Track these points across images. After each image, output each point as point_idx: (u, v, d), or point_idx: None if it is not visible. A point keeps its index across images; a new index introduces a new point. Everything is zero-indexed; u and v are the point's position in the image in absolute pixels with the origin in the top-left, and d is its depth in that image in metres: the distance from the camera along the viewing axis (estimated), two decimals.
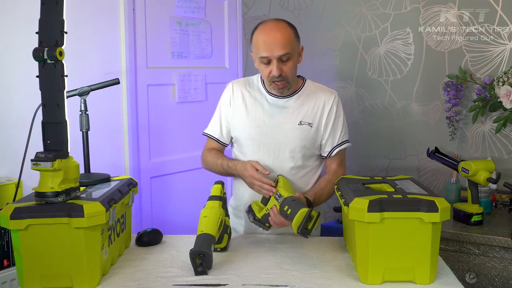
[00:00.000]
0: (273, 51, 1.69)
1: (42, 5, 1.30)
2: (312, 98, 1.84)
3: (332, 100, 1.84)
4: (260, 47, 1.72)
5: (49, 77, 1.31)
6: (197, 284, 1.36)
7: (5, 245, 1.88)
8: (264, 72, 1.75)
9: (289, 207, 1.52)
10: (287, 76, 1.74)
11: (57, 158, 1.29)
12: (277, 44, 1.69)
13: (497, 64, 2.52)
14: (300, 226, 1.43)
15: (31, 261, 1.30)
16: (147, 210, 2.59)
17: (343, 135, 1.86)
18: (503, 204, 2.44)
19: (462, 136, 2.64)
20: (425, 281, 1.34)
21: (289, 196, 1.57)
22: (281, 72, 1.71)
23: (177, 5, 2.67)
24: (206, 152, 1.95)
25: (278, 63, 1.70)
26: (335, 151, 1.85)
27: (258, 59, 1.75)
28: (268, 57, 1.70)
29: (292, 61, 1.74)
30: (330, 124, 1.83)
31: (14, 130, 2.05)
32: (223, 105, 1.92)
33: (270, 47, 1.69)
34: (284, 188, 1.63)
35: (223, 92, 1.94)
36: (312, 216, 1.45)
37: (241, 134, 1.87)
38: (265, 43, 1.70)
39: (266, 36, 1.71)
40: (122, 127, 2.49)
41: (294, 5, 3.08)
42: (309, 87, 1.87)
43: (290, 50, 1.71)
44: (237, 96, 1.88)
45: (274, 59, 1.70)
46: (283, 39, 1.70)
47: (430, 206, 1.31)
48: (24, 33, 1.96)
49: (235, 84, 1.91)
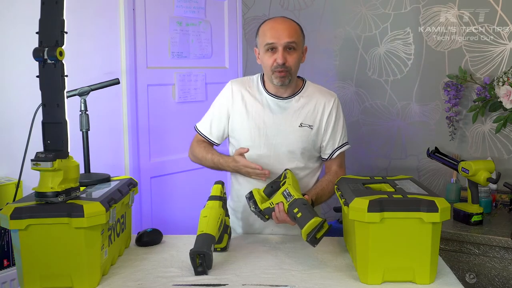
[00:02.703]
0: (280, 38, 1.72)
1: (42, 5, 1.30)
2: (312, 100, 1.83)
3: (332, 103, 1.84)
4: (267, 35, 1.75)
5: (49, 77, 1.31)
6: (197, 284, 1.36)
7: (5, 245, 1.88)
8: (268, 62, 1.75)
9: (299, 210, 1.52)
10: (290, 67, 1.74)
11: (57, 158, 1.29)
12: (285, 32, 1.73)
13: (497, 64, 2.52)
14: (310, 234, 1.44)
15: (31, 261, 1.30)
16: (147, 210, 2.59)
17: (343, 137, 1.87)
18: (503, 204, 2.44)
19: (462, 136, 2.64)
20: (425, 281, 1.34)
21: (300, 199, 1.56)
22: (285, 61, 1.73)
23: (177, 5, 2.67)
24: (195, 143, 1.94)
25: (284, 52, 1.73)
26: (335, 153, 1.86)
27: (263, 47, 1.76)
28: (274, 43, 1.72)
29: (296, 54, 1.75)
30: (331, 126, 1.84)
31: (14, 130, 2.05)
32: (219, 105, 1.89)
33: (277, 34, 1.72)
34: (293, 187, 1.62)
35: (221, 91, 1.91)
36: (324, 227, 1.46)
37: (240, 134, 1.86)
38: (272, 29, 1.74)
39: (275, 23, 1.77)
40: (122, 127, 2.49)
41: (294, 5, 3.08)
42: (309, 88, 1.87)
43: (296, 40, 1.74)
44: (236, 96, 1.86)
45: (280, 46, 1.72)
46: (290, 28, 1.75)
47: (430, 206, 1.31)
48: (24, 33, 1.96)
49: (235, 84, 1.89)
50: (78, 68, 2.11)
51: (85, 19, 2.29)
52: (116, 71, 2.40)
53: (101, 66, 2.36)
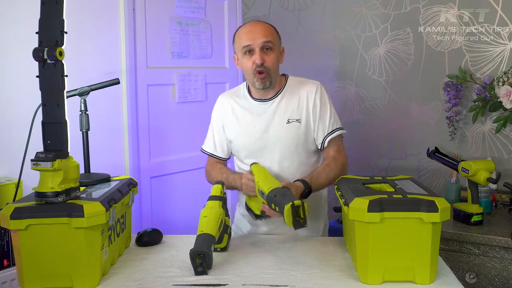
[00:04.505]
0: (255, 39, 1.75)
1: (42, 5, 1.30)
2: (295, 94, 1.83)
3: (314, 91, 1.82)
4: (242, 38, 1.78)
5: (49, 77, 1.31)
6: (197, 284, 1.36)
7: (5, 245, 1.88)
8: (247, 65, 1.77)
9: (275, 205, 1.51)
10: (269, 68, 1.76)
11: (57, 158, 1.29)
12: (260, 33, 1.76)
13: (497, 64, 2.52)
14: (293, 222, 1.42)
15: (31, 261, 1.30)
16: (147, 210, 2.59)
17: (332, 123, 1.83)
18: (503, 204, 2.44)
19: (462, 136, 2.64)
20: (425, 281, 1.34)
21: (270, 191, 1.54)
22: (264, 62, 1.74)
23: (177, 5, 2.67)
24: (210, 167, 1.97)
25: (261, 52, 1.75)
26: (326, 140, 1.83)
27: (241, 51, 1.78)
28: (251, 45, 1.75)
29: (274, 53, 1.77)
30: (317, 114, 1.81)
31: (14, 130, 2.05)
32: (215, 121, 1.95)
33: (253, 36, 1.75)
34: (262, 181, 1.62)
35: (214, 107, 1.96)
36: (298, 206, 1.42)
37: (237, 144, 1.89)
38: (248, 32, 1.78)
39: (249, 27, 1.81)
40: (122, 127, 2.48)
41: (294, 5, 3.08)
42: (291, 83, 1.87)
43: (273, 40, 1.77)
44: (227, 108, 1.90)
45: (257, 47, 1.74)
46: (265, 29, 1.78)
47: (430, 206, 1.31)
48: (24, 33, 1.96)
49: (224, 97, 1.94)
50: (78, 68, 2.11)
51: (85, 19, 2.29)
52: (116, 71, 2.40)
53: (101, 66, 2.36)
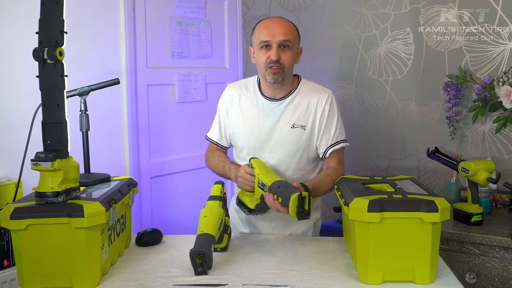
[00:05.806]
0: (275, 36, 1.72)
1: (42, 5, 1.30)
2: (305, 100, 1.81)
3: (325, 100, 1.81)
4: (262, 32, 1.75)
5: (49, 77, 1.31)
6: (197, 284, 1.36)
7: (5, 245, 1.88)
8: (262, 59, 1.75)
9: (278, 195, 1.50)
10: (284, 65, 1.74)
11: (57, 158, 1.29)
12: (280, 30, 1.73)
13: (497, 64, 2.52)
14: (297, 213, 1.42)
15: (31, 261, 1.30)
16: (147, 210, 2.59)
17: (337, 134, 1.81)
18: (503, 204, 2.44)
19: (462, 136, 2.64)
20: (425, 281, 1.34)
21: (273, 183, 1.54)
22: (279, 59, 1.72)
23: (177, 5, 2.66)
24: (209, 153, 1.97)
25: (278, 49, 1.73)
26: (329, 151, 1.81)
27: (258, 45, 1.76)
28: (269, 41, 1.72)
29: (291, 52, 1.75)
30: (324, 124, 1.80)
31: (14, 130, 2.05)
32: (221, 111, 1.93)
33: (273, 32, 1.73)
34: (263, 175, 1.61)
35: (221, 96, 1.94)
36: (304, 196, 1.42)
37: (238, 138, 1.88)
38: (268, 28, 1.75)
39: (270, 22, 1.77)
40: (122, 127, 2.48)
41: (294, 5, 3.08)
42: (304, 86, 1.84)
43: (291, 39, 1.74)
44: (233, 100, 1.88)
45: (275, 44, 1.72)
46: (286, 27, 1.75)
47: (430, 206, 1.31)
48: (24, 33, 1.96)
49: (232, 88, 1.91)
50: (78, 68, 2.11)
51: (85, 19, 2.29)
52: (116, 71, 2.40)
53: (101, 66, 2.36)
